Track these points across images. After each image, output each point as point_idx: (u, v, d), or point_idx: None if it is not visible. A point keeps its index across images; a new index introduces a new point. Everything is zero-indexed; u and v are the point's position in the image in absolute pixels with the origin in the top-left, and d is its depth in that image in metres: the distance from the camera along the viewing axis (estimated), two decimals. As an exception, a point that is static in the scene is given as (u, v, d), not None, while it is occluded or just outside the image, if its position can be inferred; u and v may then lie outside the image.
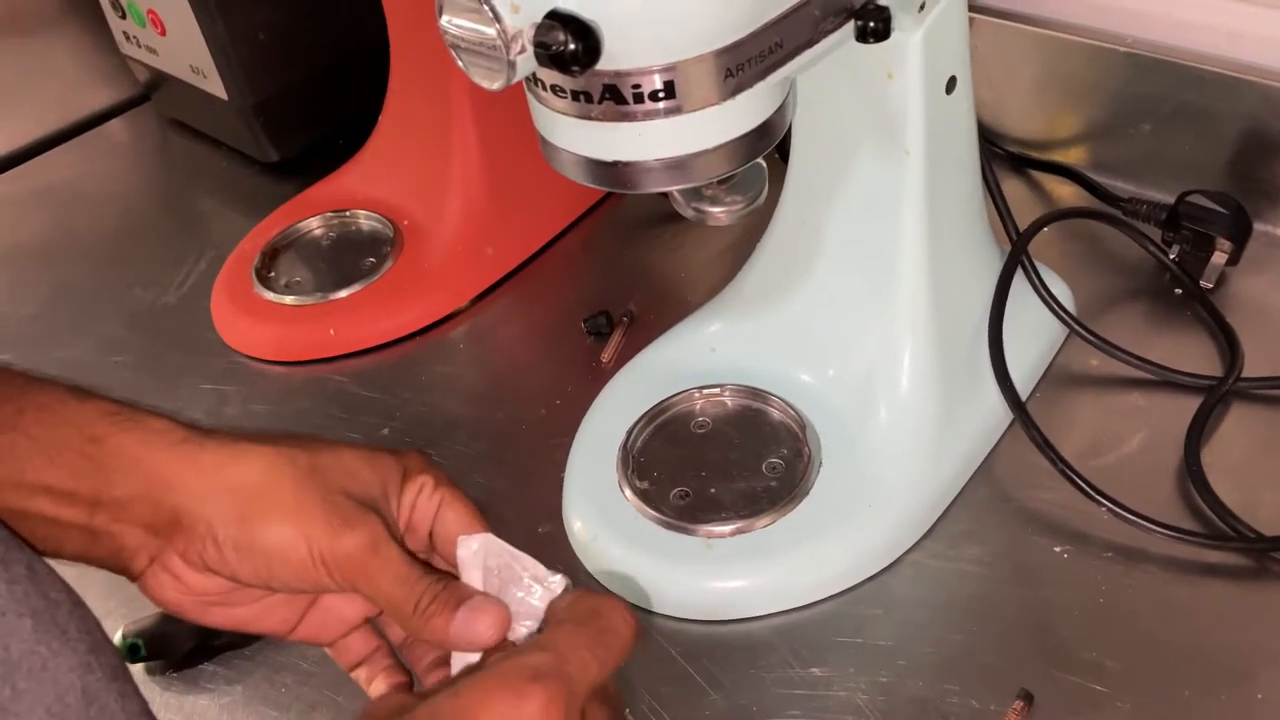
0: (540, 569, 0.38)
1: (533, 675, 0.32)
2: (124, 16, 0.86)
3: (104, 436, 0.36)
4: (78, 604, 0.30)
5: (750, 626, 0.53)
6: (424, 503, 0.39)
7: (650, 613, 0.54)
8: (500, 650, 0.37)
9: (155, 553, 0.38)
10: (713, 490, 0.57)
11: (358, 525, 0.36)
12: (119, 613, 0.56)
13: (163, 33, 0.84)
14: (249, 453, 0.37)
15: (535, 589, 0.38)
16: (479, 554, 0.39)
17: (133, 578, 0.39)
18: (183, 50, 0.83)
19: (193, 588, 0.38)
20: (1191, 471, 0.56)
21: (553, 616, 0.37)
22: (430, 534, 0.40)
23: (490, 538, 0.39)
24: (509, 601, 0.38)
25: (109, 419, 0.37)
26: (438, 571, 0.38)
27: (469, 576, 0.39)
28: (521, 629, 0.38)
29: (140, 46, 0.88)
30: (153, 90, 0.94)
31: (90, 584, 0.58)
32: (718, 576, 0.54)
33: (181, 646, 0.54)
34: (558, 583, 0.38)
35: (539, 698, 0.31)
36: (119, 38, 0.90)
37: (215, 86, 0.83)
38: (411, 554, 0.38)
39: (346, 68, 0.86)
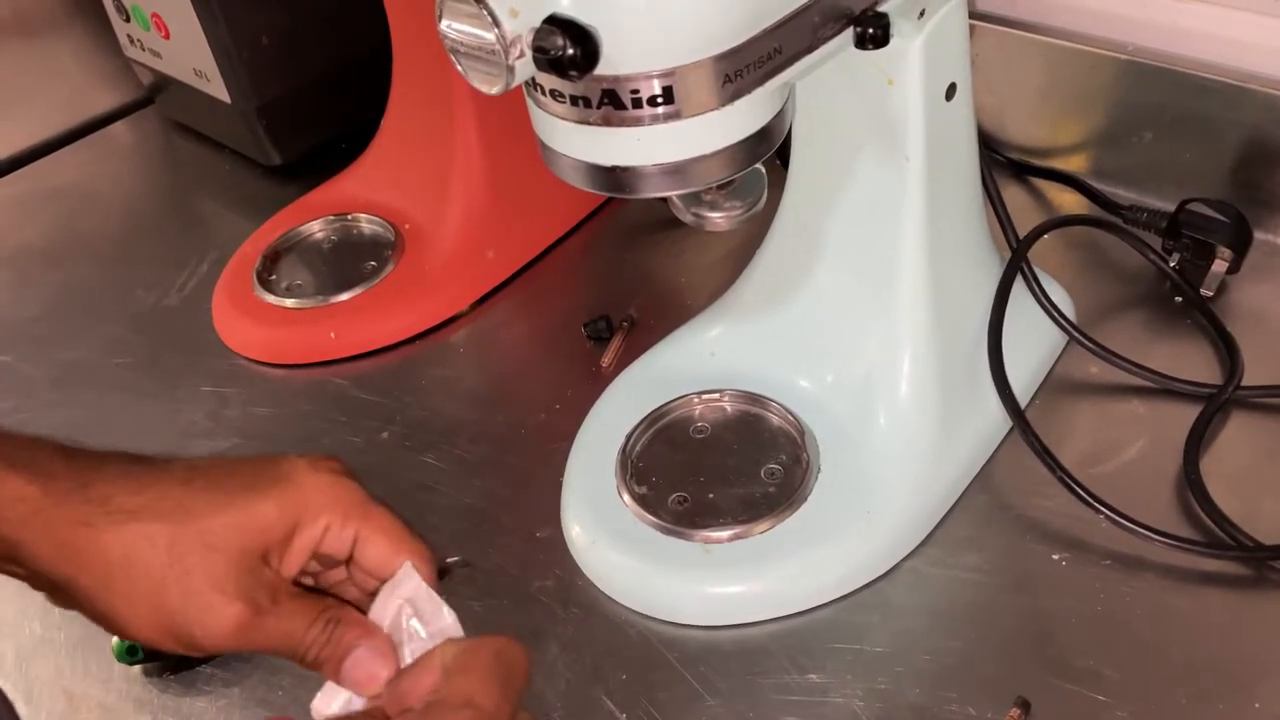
0: (447, 624, 0.38)
1: None
2: (128, 20, 0.87)
3: None
4: None
5: (748, 632, 0.53)
6: (334, 539, 0.38)
7: (648, 618, 0.54)
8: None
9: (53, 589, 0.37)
10: (711, 495, 0.57)
11: (216, 619, 0.35)
12: (117, 614, 0.56)
13: (166, 36, 0.84)
14: (104, 536, 0.35)
15: (429, 636, 0.38)
16: (401, 589, 0.38)
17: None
18: (186, 53, 0.84)
19: None
20: (1190, 480, 0.56)
21: (455, 664, 0.35)
22: (351, 559, 0.39)
23: (419, 585, 0.38)
24: (400, 631, 0.38)
25: None
26: (325, 601, 0.38)
27: (380, 601, 0.38)
28: (406, 654, 0.38)
29: (144, 50, 0.88)
30: (156, 93, 0.94)
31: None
32: (716, 582, 0.54)
33: (179, 648, 0.54)
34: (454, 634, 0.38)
35: None
36: (123, 41, 0.90)
37: (218, 90, 0.84)
38: (301, 586, 0.38)
39: (349, 72, 0.86)
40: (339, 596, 0.40)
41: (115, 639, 0.54)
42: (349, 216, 0.79)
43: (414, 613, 0.38)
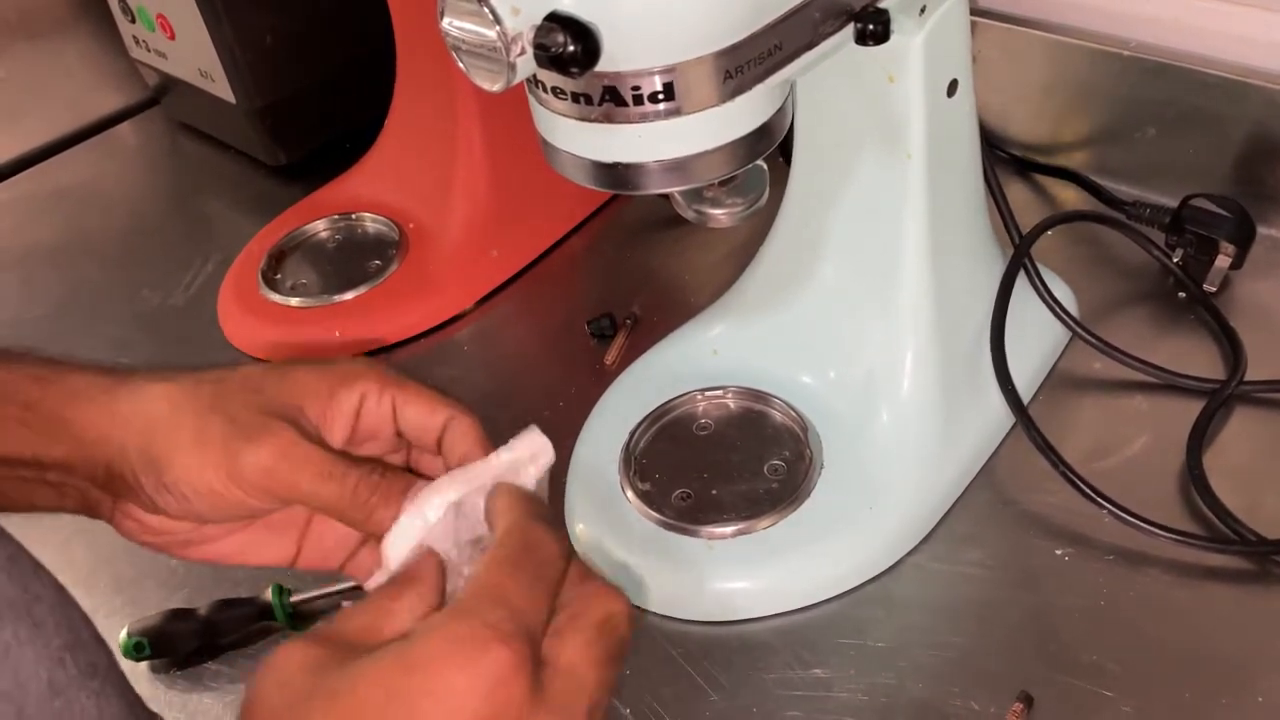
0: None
1: (498, 635, 0.29)
2: (133, 21, 0.87)
3: (35, 402, 0.37)
4: (65, 603, 0.29)
5: (751, 628, 0.54)
6: (373, 408, 0.38)
7: (651, 614, 0.54)
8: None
9: (112, 503, 0.38)
10: (714, 492, 0.57)
11: (261, 436, 0.35)
12: (125, 611, 0.56)
13: (171, 37, 0.84)
14: (153, 391, 0.37)
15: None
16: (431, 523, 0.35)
17: (109, 522, 0.39)
18: (191, 54, 0.84)
19: (158, 530, 0.38)
20: (1193, 474, 0.56)
21: (495, 555, 0.33)
22: (398, 435, 0.39)
23: (444, 488, 0.36)
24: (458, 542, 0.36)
25: (37, 384, 0.37)
26: (374, 461, 0.37)
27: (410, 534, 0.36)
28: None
29: (149, 50, 0.88)
30: (162, 94, 0.95)
31: (97, 581, 0.59)
32: (719, 578, 0.54)
33: (186, 645, 0.55)
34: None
35: (505, 659, 0.29)
36: (128, 42, 0.90)
37: (223, 90, 0.84)
38: (341, 452, 0.37)
39: (353, 72, 0.87)
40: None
41: (122, 635, 0.54)
42: (353, 216, 0.79)
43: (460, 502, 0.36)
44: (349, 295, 0.73)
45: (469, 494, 0.36)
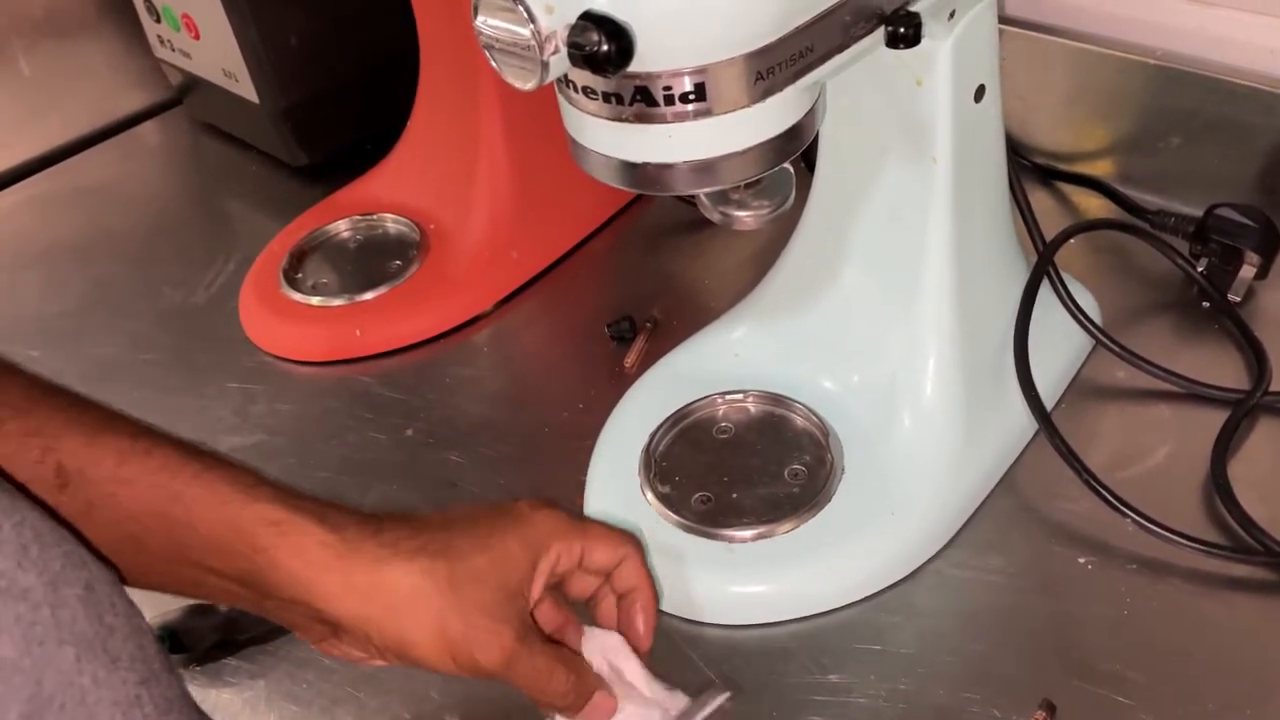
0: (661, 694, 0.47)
1: None
2: (158, 20, 0.87)
3: (266, 548, 0.40)
4: (138, 631, 0.30)
5: (770, 632, 0.53)
6: (565, 560, 0.45)
7: (671, 617, 0.54)
8: None
9: (322, 636, 0.43)
10: (735, 495, 0.57)
11: (490, 644, 0.41)
12: (145, 605, 0.55)
13: (196, 37, 0.85)
14: (395, 572, 0.41)
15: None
16: (601, 650, 0.47)
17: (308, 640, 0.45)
18: (215, 54, 0.84)
19: (358, 656, 0.44)
20: (1218, 484, 0.56)
21: None
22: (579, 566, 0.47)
23: (619, 643, 0.47)
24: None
25: (271, 529, 0.40)
26: (567, 656, 0.45)
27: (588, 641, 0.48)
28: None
29: (174, 50, 0.89)
30: (185, 94, 0.95)
31: (117, 575, 0.58)
32: (738, 581, 0.54)
33: (205, 641, 0.55)
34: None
35: None
36: (153, 41, 0.91)
37: (247, 90, 0.84)
38: (546, 637, 0.46)
39: (376, 73, 0.87)
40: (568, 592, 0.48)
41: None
42: (374, 216, 0.79)
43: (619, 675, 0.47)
44: (369, 295, 0.73)
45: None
